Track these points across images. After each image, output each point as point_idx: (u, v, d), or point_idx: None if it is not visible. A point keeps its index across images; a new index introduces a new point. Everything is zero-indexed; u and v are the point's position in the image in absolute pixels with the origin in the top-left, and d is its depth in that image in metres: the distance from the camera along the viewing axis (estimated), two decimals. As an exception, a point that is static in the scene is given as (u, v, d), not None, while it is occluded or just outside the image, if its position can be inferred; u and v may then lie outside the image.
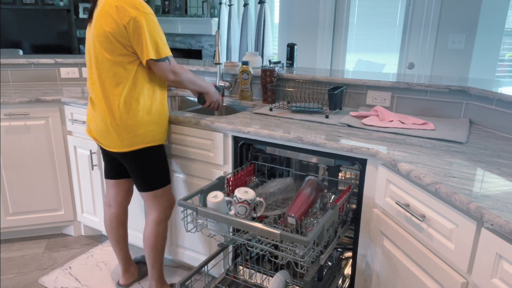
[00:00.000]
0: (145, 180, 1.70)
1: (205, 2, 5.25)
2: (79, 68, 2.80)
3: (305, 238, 1.12)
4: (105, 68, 1.55)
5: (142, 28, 1.48)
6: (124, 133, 1.59)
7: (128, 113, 1.57)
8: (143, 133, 1.61)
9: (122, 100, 1.56)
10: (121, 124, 1.58)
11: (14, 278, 2.11)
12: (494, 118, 1.66)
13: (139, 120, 1.59)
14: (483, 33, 2.93)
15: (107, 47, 1.52)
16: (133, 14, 1.47)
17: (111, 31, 1.49)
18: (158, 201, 1.75)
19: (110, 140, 1.62)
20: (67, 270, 2.18)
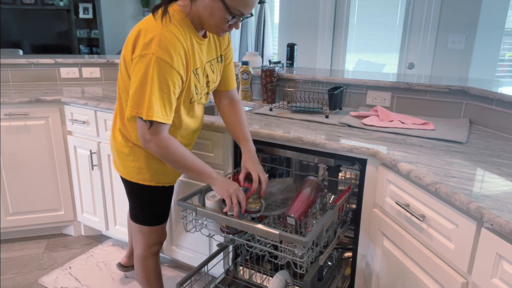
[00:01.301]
0: (133, 211, 1.52)
1: (205, 2, 5.25)
2: (79, 68, 2.80)
3: (304, 238, 1.12)
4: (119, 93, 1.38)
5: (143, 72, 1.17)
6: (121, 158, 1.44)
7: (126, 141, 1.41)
8: (134, 167, 1.42)
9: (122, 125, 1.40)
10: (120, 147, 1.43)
11: (14, 278, 2.11)
12: (494, 118, 1.66)
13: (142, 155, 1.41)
14: (483, 33, 2.92)
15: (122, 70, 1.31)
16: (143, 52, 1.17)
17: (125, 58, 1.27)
18: (144, 236, 1.54)
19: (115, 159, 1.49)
20: (67, 270, 2.18)
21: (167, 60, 1.17)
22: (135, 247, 1.59)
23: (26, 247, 2.41)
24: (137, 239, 1.57)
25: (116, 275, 2.13)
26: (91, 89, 2.52)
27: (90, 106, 2.12)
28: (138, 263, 1.60)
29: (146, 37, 1.17)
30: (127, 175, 1.45)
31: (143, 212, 1.50)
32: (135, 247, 1.60)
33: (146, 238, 1.54)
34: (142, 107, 1.18)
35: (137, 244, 1.58)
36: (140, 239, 1.56)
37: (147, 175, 1.43)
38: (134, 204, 1.51)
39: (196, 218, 1.39)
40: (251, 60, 2.37)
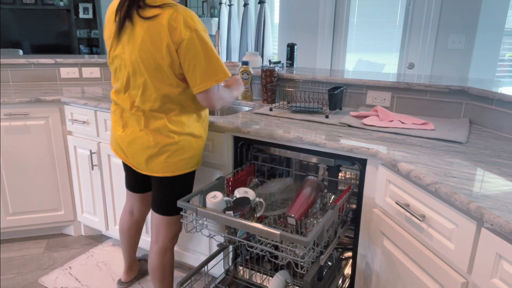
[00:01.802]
0: (168, 204, 1.58)
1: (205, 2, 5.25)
2: (79, 68, 2.80)
3: (305, 238, 1.12)
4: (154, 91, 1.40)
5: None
6: (172, 156, 1.47)
7: (180, 136, 1.45)
8: (190, 157, 1.50)
9: (172, 123, 1.44)
10: (170, 147, 1.45)
11: (14, 278, 2.11)
12: (494, 118, 1.66)
13: (187, 144, 1.48)
14: (483, 33, 2.92)
15: (156, 75, 1.37)
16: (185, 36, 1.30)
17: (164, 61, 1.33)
18: (169, 228, 1.62)
19: (153, 163, 1.48)
20: (67, 270, 2.18)
21: (205, 29, 1.36)
22: (156, 239, 1.64)
23: (26, 247, 2.41)
24: (161, 232, 1.63)
25: (116, 275, 2.13)
26: (91, 89, 2.52)
27: (90, 106, 2.12)
28: (159, 256, 1.64)
29: (180, 19, 1.29)
30: (176, 170, 1.50)
31: (175, 202, 1.57)
32: (156, 240, 1.64)
33: (172, 229, 1.63)
34: (218, 74, 1.37)
35: (161, 236, 1.63)
36: (165, 231, 1.63)
37: (195, 160, 1.54)
38: (170, 196, 1.56)
39: (197, 218, 1.39)
40: (251, 60, 2.37)
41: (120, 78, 1.46)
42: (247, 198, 1.38)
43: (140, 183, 1.76)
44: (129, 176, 1.76)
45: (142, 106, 1.43)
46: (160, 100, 1.41)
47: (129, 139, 1.49)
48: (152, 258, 1.66)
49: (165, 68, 1.34)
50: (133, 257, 2.00)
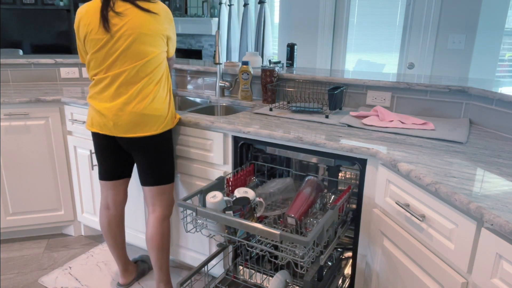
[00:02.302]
0: (159, 171, 1.72)
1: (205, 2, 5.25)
2: (79, 68, 2.80)
3: (305, 238, 1.12)
4: (150, 61, 1.61)
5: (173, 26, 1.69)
6: (158, 117, 1.65)
7: (163, 98, 1.66)
8: (171, 116, 1.71)
9: (155, 87, 1.64)
10: (158, 107, 1.64)
11: (14, 278, 2.11)
12: (494, 118, 1.66)
13: (167, 105, 1.69)
14: (483, 33, 2.92)
15: (153, 43, 1.60)
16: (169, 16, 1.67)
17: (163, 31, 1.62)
18: (164, 197, 1.76)
19: (143, 126, 1.63)
20: (67, 270, 2.18)
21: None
22: (153, 210, 1.77)
23: (26, 247, 2.41)
24: (156, 202, 1.76)
25: (116, 275, 2.13)
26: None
27: (90, 106, 2.12)
28: (156, 225, 1.76)
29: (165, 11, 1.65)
30: (169, 124, 1.70)
31: (169, 167, 1.75)
32: (153, 210, 1.77)
33: (166, 197, 1.77)
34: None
35: (157, 206, 1.76)
36: (160, 200, 1.76)
37: (174, 113, 1.76)
38: (163, 160, 1.72)
39: (197, 218, 1.39)
40: (251, 60, 2.37)
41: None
42: (247, 198, 1.38)
43: (115, 167, 1.79)
44: (105, 163, 1.79)
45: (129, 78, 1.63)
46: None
47: (118, 107, 1.63)
48: (150, 226, 1.77)
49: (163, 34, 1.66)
50: (123, 256, 1.98)
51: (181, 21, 5.45)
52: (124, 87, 1.60)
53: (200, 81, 2.53)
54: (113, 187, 1.84)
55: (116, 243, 1.93)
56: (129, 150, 1.71)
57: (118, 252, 1.96)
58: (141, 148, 1.68)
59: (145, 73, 1.61)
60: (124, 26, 1.55)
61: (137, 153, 1.70)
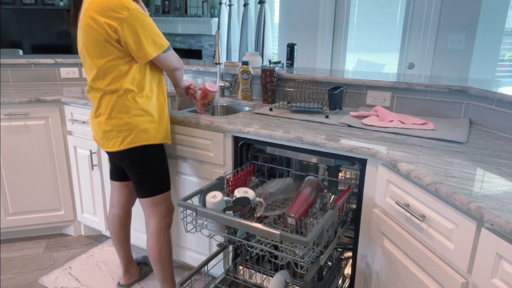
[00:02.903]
0: (145, 183, 1.65)
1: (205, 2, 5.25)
2: (79, 68, 2.80)
3: (305, 238, 1.12)
4: (100, 72, 1.52)
5: (135, 28, 1.44)
6: (122, 132, 1.56)
7: (127, 113, 1.54)
8: (141, 131, 1.57)
9: (118, 99, 1.53)
10: (119, 123, 1.55)
11: (14, 278, 2.11)
12: (494, 118, 1.66)
13: (136, 119, 1.56)
14: (483, 33, 2.92)
15: (98, 52, 1.49)
16: (123, 15, 1.43)
17: (103, 37, 1.45)
18: (157, 208, 1.69)
19: (109, 140, 1.59)
20: (67, 270, 2.18)
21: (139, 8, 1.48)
22: (148, 222, 1.72)
23: (26, 247, 2.41)
24: (150, 214, 1.70)
25: (116, 275, 2.13)
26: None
27: (90, 106, 2.12)
28: (153, 237, 1.71)
29: (117, 7, 1.43)
30: (136, 142, 1.57)
31: (154, 178, 1.65)
32: (149, 223, 1.72)
33: (159, 208, 1.70)
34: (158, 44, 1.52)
35: (151, 218, 1.71)
36: (153, 212, 1.70)
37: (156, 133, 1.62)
38: (143, 174, 1.63)
39: (197, 218, 1.39)
40: (251, 60, 2.37)
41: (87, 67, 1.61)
42: (247, 198, 1.38)
43: (118, 170, 1.82)
44: (111, 164, 1.84)
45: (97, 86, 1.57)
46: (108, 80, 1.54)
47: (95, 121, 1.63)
48: (148, 239, 1.73)
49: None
50: (127, 256, 1.99)
51: (181, 21, 5.45)
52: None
53: (200, 81, 2.53)
54: (117, 188, 1.87)
55: (119, 242, 1.94)
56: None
57: (121, 252, 1.97)
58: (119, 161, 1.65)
59: (100, 85, 1.54)
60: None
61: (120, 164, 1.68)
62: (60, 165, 2.36)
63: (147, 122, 1.58)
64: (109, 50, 1.47)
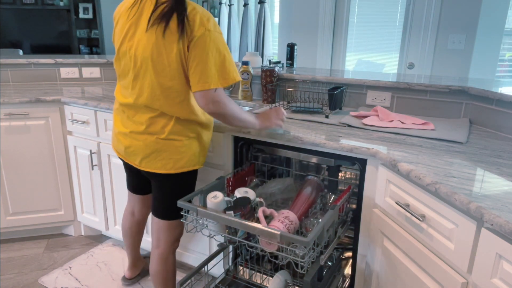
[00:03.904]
0: (169, 207, 1.55)
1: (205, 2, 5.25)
2: (79, 68, 2.80)
3: (305, 238, 1.12)
4: (161, 96, 1.37)
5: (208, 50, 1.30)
6: (174, 154, 1.45)
7: (186, 136, 1.45)
8: (192, 154, 1.48)
9: (178, 124, 1.43)
10: (175, 144, 1.44)
11: (14, 278, 2.11)
12: (494, 118, 1.66)
13: (191, 144, 1.47)
14: (483, 33, 2.92)
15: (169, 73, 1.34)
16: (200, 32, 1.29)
17: (180, 56, 1.31)
18: (171, 232, 1.60)
19: (157, 160, 1.46)
20: (67, 270, 2.18)
21: (220, 32, 1.35)
22: (157, 244, 1.61)
23: (26, 247, 2.41)
24: (162, 238, 1.60)
25: (116, 275, 2.13)
26: (91, 89, 2.52)
27: (90, 106, 2.12)
28: (160, 262, 1.61)
29: (197, 17, 1.29)
30: (172, 169, 1.46)
31: (175, 205, 1.53)
32: (157, 245, 1.61)
33: (172, 233, 1.60)
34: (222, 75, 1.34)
35: (162, 242, 1.60)
36: (166, 236, 1.60)
37: (194, 160, 1.50)
38: (169, 198, 1.53)
39: (197, 218, 1.39)
40: (251, 60, 2.37)
41: (127, 74, 1.43)
42: (247, 198, 1.38)
43: (140, 185, 1.76)
44: (130, 177, 1.75)
45: (147, 104, 1.41)
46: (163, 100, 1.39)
47: (131, 137, 1.47)
48: (154, 263, 1.63)
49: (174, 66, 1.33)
50: (137, 255, 2.02)
51: (181, 21, 5.44)
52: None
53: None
54: (139, 200, 1.81)
55: (133, 244, 1.95)
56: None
57: (132, 252, 1.98)
58: (158, 181, 1.54)
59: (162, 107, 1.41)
60: None
61: (153, 181, 1.57)
62: (60, 165, 2.36)
63: (198, 147, 1.50)
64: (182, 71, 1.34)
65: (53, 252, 2.36)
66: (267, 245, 1.26)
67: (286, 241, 1.17)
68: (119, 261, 2.26)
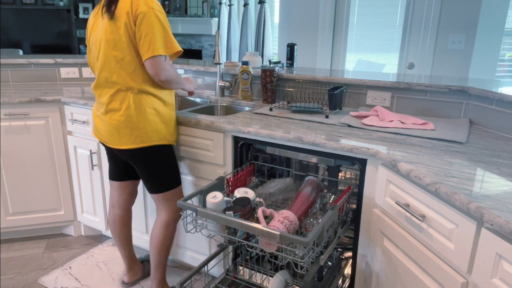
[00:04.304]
0: (155, 181, 1.69)
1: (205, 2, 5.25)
2: (79, 68, 2.80)
3: (305, 239, 1.12)
4: (116, 68, 1.55)
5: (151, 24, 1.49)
6: (135, 131, 1.58)
7: (140, 111, 1.57)
8: (153, 130, 1.61)
9: (134, 98, 1.56)
10: (133, 121, 1.57)
11: (14, 278, 2.11)
12: (494, 118, 1.66)
13: (149, 118, 1.59)
14: (483, 33, 2.92)
15: (120, 46, 1.53)
16: (142, 9, 1.48)
17: (127, 31, 1.50)
18: (169, 202, 1.75)
19: (121, 137, 1.60)
20: (67, 270, 2.18)
21: (163, 12, 1.55)
22: (159, 214, 1.77)
23: (26, 247, 2.41)
24: (162, 207, 1.76)
25: (116, 275, 2.13)
26: (91, 89, 2.51)
27: (90, 106, 2.12)
28: (161, 226, 1.76)
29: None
30: (149, 141, 1.61)
31: (166, 175, 1.70)
32: (160, 214, 1.77)
33: (171, 202, 1.75)
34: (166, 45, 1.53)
35: (162, 212, 1.76)
36: (166, 206, 1.75)
37: (167, 135, 1.66)
38: (155, 172, 1.67)
39: (197, 218, 1.39)
40: (251, 60, 2.37)
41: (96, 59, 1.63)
42: (247, 198, 1.38)
43: (117, 169, 1.83)
44: (110, 163, 1.83)
45: (107, 78, 1.59)
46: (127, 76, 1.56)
47: (100, 117, 1.65)
48: (155, 227, 1.78)
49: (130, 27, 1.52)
50: (129, 255, 2.00)
51: (181, 21, 5.45)
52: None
53: (200, 81, 2.53)
54: (117, 187, 1.86)
55: (121, 242, 1.95)
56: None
57: (124, 251, 1.98)
58: (129, 159, 1.67)
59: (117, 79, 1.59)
60: None
61: (128, 161, 1.71)
62: (60, 165, 2.36)
63: (159, 122, 1.62)
64: (128, 45, 1.53)
65: (53, 252, 2.36)
66: (266, 245, 1.26)
67: (286, 241, 1.17)
68: (119, 261, 2.26)
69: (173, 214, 1.77)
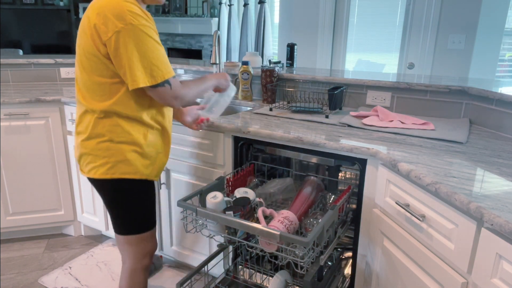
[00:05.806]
0: (118, 220, 1.42)
1: (205, 2, 5.25)
2: (79, 68, 2.80)
3: (305, 239, 1.12)
4: (87, 88, 1.30)
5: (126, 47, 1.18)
6: (99, 159, 1.33)
7: (107, 136, 1.31)
8: (121, 161, 1.33)
9: (98, 122, 1.31)
10: (98, 147, 1.33)
11: (14, 278, 2.11)
12: (494, 118, 1.66)
13: (118, 147, 1.32)
14: (483, 33, 2.92)
15: (85, 65, 1.28)
16: (117, 28, 1.17)
17: (89, 48, 1.24)
18: (133, 248, 1.45)
19: (85, 164, 1.37)
20: (67, 270, 2.18)
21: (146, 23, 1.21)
22: (124, 259, 1.49)
23: (26, 247, 2.41)
24: (125, 252, 1.47)
25: (116, 275, 2.13)
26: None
27: (90, 106, 2.11)
28: (126, 278, 1.49)
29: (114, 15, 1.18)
30: (117, 172, 1.33)
31: (133, 217, 1.41)
32: (124, 260, 1.49)
33: (136, 249, 1.45)
34: (153, 74, 1.23)
35: (126, 257, 1.48)
36: (129, 251, 1.46)
37: (142, 167, 1.37)
38: (119, 210, 1.40)
39: (197, 218, 1.39)
40: (251, 60, 2.37)
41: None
42: (247, 198, 1.38)
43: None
44: None
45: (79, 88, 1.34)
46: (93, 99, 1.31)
47: (76, 138, 1.41)
48: (121, 278, 1.52)
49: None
50: None
51: (181, 21, 5.45)
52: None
53: (200, 81, 2.52)
54: None
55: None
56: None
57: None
58: (96, 188, 1.42)
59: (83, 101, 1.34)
60: None
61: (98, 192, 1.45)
62: (60, 165, 2.36)
63: (129, 151, 1.33)
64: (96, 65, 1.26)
65: (53, 252, 2.36)
66: (266, 245, 1.26)
67: (286, 241, 1.17)
68: (119, 261, 2.26)
69: (138, 262, 1.47)
